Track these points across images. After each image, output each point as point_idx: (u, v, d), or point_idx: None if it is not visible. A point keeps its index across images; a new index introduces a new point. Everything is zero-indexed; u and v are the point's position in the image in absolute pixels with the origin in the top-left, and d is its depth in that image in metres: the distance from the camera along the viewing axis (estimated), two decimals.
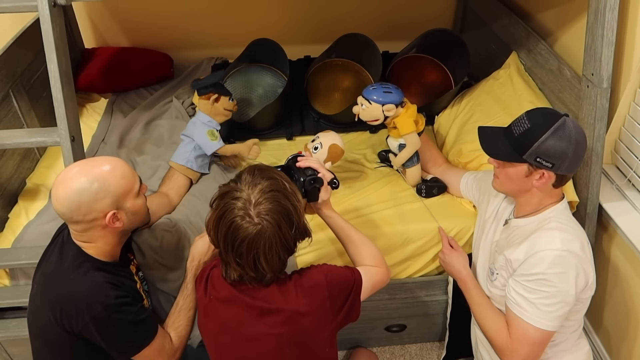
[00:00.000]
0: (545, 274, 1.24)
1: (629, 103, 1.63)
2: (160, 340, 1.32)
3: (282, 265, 1.18)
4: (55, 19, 1.43)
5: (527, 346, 1.28)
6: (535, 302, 1.25)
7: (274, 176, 1.18)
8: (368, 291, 1.30)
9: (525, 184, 1.30)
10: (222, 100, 1.75)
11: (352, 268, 1.30)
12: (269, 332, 1.18)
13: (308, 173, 1.38)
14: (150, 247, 1.54)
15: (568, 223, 1.31)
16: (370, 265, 1.36)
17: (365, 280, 1.29)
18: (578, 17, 1.80)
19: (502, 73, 2.08)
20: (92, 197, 1.20)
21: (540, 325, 1.26)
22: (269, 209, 1.11)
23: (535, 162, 1.25)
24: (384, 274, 1.36)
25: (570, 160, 1.23)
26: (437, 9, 2.68)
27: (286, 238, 1.14)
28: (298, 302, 1.18)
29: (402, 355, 1.97)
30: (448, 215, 1.71)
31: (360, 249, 1.39)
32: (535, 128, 1.24)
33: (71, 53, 1.68)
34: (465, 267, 1.53)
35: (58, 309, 1.22)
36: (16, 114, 1.93)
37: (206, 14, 2.57)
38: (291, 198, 1.16)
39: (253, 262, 1.14)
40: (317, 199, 1.38)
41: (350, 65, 2.24)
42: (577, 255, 1.24)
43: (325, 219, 1.43)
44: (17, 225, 1.73)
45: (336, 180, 1.42)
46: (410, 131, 1.68)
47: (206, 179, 1.80)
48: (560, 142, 1.22)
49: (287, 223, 1.13)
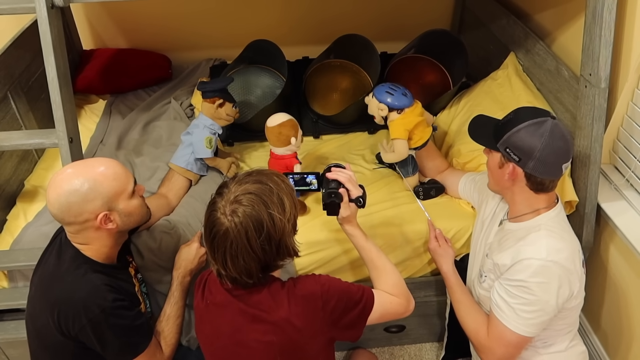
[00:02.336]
0: (527, 282, 1.24)
1: (627, 103, 1.63)
2: (153, 349, 1.33)
3: (248, 272, 1.12)
4: (53, 21, 1.43)
5: (502, 347, 1.30)
6: (515, 307, 1.26)
7: (264, 181, 1.14)
8: (376, 317, 1.24)
9: (500, 177, 1.31)
10: (227, 106, 1.76)
11: (364, 287, 1.24)
12: (260, 339, 1.16)
13: (331, 186, 1.34)
14: (148, 249, 1.54)
15: (559, 232, 1.29)
16: (388, 292, 1.30)
17: (376, 305, 1.23)
18: (576, 18, 1.80)
19: (501, 73, 2.08)
20: (83, 198, 1.20)
21: (517, 329, 1.27)
22: (242, 211, 1.08)
23: (505, 153, 1.26)
24: (402, 305, 1.29)
25: (538, 159, 1.22)
26: (435, 9, 2.68)
27: (252, 245, 1.09)
28: (290, 311, 1.15)
29: (402, 356, 1.97)
30: (446, 216, 1.71)
31: (380, 273, 1.34)
32: (515, 119, 1.25)
33: (69, 54, 1.68)
34: (447, 265, 1.54)
35: (56, 311, 1.21)
36: (14, 116, 1.93)
37: (204, 15, 2.57)
38: (270, 206, 1.10)
39: (222, 259, 1.12)
40: (336, 214, 1.35)
41: (348, 66, 2.25)
42: (562, 266, 1.23)
43: (348, 236, 1.40)
44: (16, 227, 1.73)
45: (362, 199, 1.36)
46: (397, 137, 1.65)
47: (205, 181, 1.80)
48: (530, 137, 1.22)
49: (255, 230, 1.08)
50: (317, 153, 2.07)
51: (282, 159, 1.68)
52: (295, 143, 1.65)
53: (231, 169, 1.83)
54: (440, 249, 1.58)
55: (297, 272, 1.64)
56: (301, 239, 1.58)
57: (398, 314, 1.29)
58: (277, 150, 1.68)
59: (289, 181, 1.20)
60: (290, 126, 1.65)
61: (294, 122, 1.67)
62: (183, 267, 1.46)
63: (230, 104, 1.77)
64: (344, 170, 1.39)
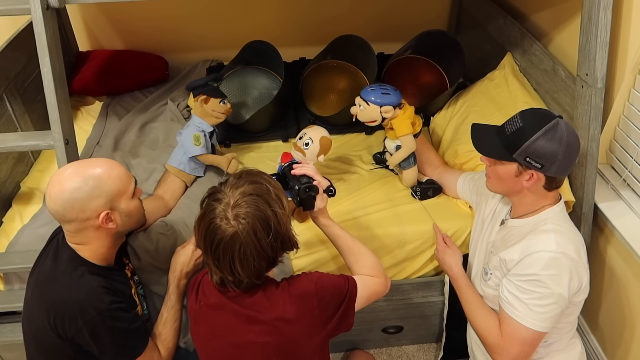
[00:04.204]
0: (539, 275, 1.24)
1: (624, 103, 1.63)
2: (150, 352, 1.32)
3: (258, 273, 1.14)
4: (48, 22, 1.42)
5: (517, 345, 1.28)
6: (528, 303, 1.25)
7: (259, 181, 1.15)
8: (363, 301, 1.27)
9: (515, 184, 1.30)
10: (212, 102, 1.73)
11: (346, 276, 1.27)
12: (255, 340, 1.16)
13: (303, 181, 1.36)
14: (145, 251, 1.53)
15: (564, 225, 1.31)
16: (368, 275, 1.33)
17: (361, 290, 1.26)
18: (572, 18, 1.80)
19: (497, 74, 2.08)
20: (87, 196, 1.20)
21: (532, 325, 1.26)
22: (247, 213, 1.09)
23: (524, 162, 1.25)
24: (382, 284, 1.33)
25: (561, 162, 1.23)
26: (432, 10, 2.69)
27: (262, 245, 1.10)
28: (285, 311, 1.15)
29: (400, 357, 1.97)
30: (444, 216, 1.70)
31: (358, 258, 1.36)
32: (527, 127, 1.24)
33: (65, 56, 1.67)
34: (458, 265, 1.53)
35: (52, 313, 1.21)
36: (10, 118, 1.92)
37: (201, 16, 2.56)
38: (272, 204, 1.12)
39: (229, 265, 1.12)
40: (313, 207, 1.36)
41: (345, 66, 2.24)
42: (572, 258, 1.24)
43: (322, 228, 1.41)
44: (12, 230, 1.72)
45: (332, 187, 1.39)
46: (407, 133, 1.67)
47: (201, 182, 1.80)
48: (550, 143, 1.22)
49: (263, 229, 1.10)
50: None
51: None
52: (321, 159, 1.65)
53: (231, 164, 1.80)
54: (449, 249, 1.57)
55: (294, 273, 1.64)
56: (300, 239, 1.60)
57: (380, 293, 1.33)
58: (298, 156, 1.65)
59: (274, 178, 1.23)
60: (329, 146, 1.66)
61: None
62: (179, 270, 1.46)
63: (217, 99, 1.74)
64: (304, 164, 1.42)
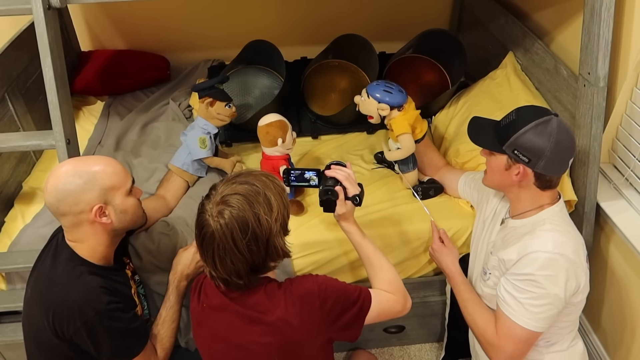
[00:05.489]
0: (535, 275, 1.24)
1: (626, 102, 1.63)
2: (148, 353, 1.32)
3: (237, 273, 1.12)
4: (50, 22, 1.42)
5: (512, 344, 1.29)
6: (523, 302, 1.25)
7: (251, 182, 1.13)
8: (373, 316, 1.23)
9: (505, 178, 1.31)
10: (217, 105, 1.73)
11: (361, 287, 1.24)
12: (258, 341, 1.16)
13: (328, 183, 1.35)
14: (147, 250, 1.54)
15: (563, 226, 1.30)
16: (385, 290, 1.29)
17: (374, 304, 1.22)
18: (574, 16, 1.79)
19: (499, 73, 2.08)
20: (80, 188, 1.21)
21: (526, 325, 1.26)
22: (228, 212, 1.08)
23: (513, 155, 1.25)
24: (398, 302, 1.28)
25: (548, 159, 1.23)
26: (434, 9, 2.68)
27: (238, 246, 1.08)
28: (287, 311, 1.14)
29: (401, 357, 1.97)
30: (445, 215, 1.70)
31: (377, 271, 1.33)
32: (520, 121, 1.25)
33: (67, 56, 1.67)
34: (454, 263, 1.53)
35: (51, 313, 1.21)
36: (12, 118, 1.93)
37: (202, 16, 2.56)
38: (256, 207, 1.09)
39: (212, 260, 1.12)
40: (332, 211, 1.36)
41: (347, 66, 2.24)
42: (569, 259, 1.24)
43: (345, 233, 1.40)
44: (14, 229, 1.72)
45: (358, 197, 1.36)
46: (402, 132, 1.65)
47: (203, 182, 1.80)
48: (538, 138, 1.22)
49: (240, 231, 1.08)
50: (315, 153, 2.07)
51: (270, 160, 1.69)
52: (283, 145, 1.64)
53: (235, 168, 1.81)
54: (445, 247, 1.57)
55: (295, 273, 1.64)
56: (300, 239, 1.60)
57: (395, 312, 1.28)
58: (266, 150, 1.69)
59: (279, 181, 1.19)
60: (278, 127, 1.65)
61: (282, 123, 1.66)
62: (179, 272, 1.46)
63: (222, 102, 1.74)
64: (343, 168, 1.39)
